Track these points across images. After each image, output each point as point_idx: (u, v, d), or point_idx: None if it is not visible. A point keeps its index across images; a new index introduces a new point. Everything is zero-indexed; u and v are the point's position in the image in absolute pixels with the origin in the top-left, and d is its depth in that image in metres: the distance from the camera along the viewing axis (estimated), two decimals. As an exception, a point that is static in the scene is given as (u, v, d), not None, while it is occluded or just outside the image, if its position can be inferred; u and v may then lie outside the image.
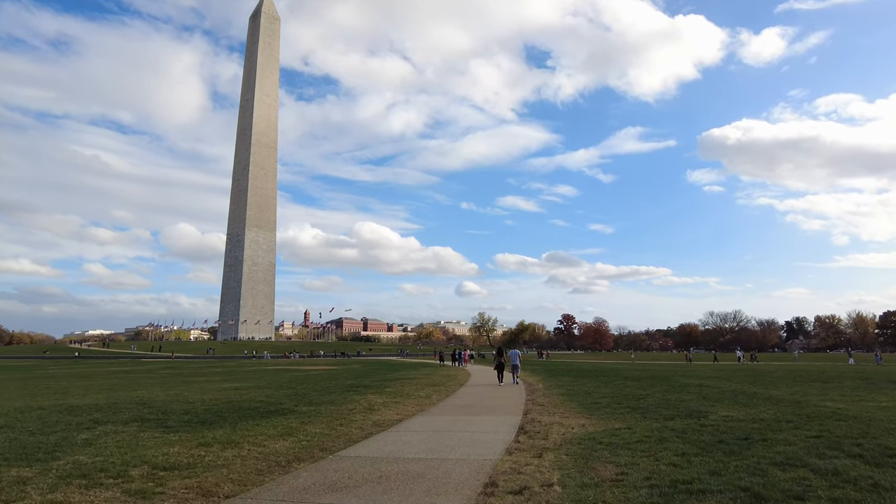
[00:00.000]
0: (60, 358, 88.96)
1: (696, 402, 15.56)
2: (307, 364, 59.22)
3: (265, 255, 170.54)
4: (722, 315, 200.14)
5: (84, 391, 21.68)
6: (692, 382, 23.73)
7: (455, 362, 48.38)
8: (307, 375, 33.41)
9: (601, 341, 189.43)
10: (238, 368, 46.85)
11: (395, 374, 31.95)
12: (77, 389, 22.68)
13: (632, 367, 44.68)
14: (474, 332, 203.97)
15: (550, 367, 40.73)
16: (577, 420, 12.22)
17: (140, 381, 29.52)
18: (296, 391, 20.50)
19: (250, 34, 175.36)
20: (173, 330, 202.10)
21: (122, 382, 27.97)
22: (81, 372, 42.42)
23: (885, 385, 22.32)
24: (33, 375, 37.88)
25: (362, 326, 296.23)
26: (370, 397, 17.58)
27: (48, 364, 65.84)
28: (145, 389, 22.37)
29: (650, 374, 31.69)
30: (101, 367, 52.01)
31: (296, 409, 14.54)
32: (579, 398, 17.19)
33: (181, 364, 59.98)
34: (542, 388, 21.34)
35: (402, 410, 14.28)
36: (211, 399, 17.65)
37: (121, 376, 34.79)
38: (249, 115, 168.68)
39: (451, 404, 16.05)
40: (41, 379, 32.69)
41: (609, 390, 19.93)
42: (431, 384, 23.78)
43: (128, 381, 29.53)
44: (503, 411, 14.12)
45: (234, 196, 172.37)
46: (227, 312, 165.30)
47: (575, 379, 26.89)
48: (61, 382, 28.35)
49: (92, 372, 42.21)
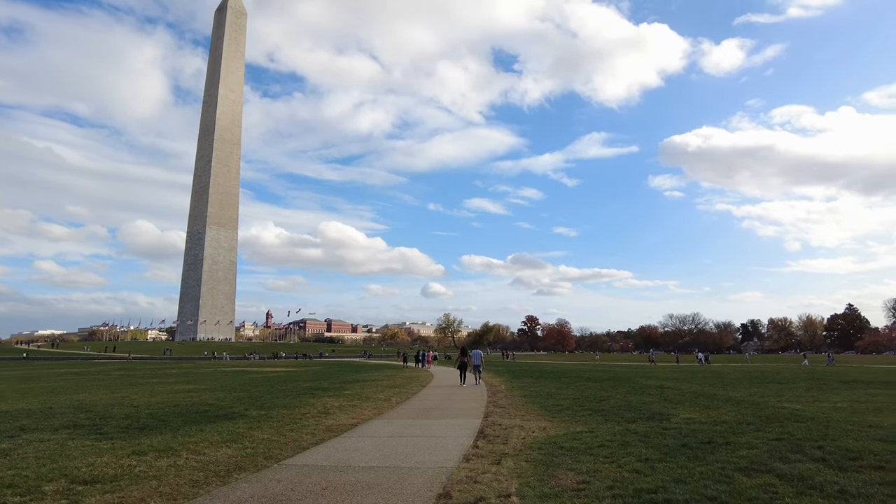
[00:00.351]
0: (4, 359, 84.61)
1: (658, 404, 15.46)
2: (267, 366, 57.79)
3: (226, 253, 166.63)
4: (681, 317, 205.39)
5: (20, 395, 20.32)
6: (653, 384, 23.82)
7: (418, 364, 47.86)
8: (265, 377, 32.38)
9: (563, 342, 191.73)
10: (194, 370, 45.24)
11: (355, 377, 31.24)
12: (12, 393, 21.27)
13: (593, 368, 45.00)
14: (439, 334, 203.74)
15: (513, 369, 40.61)
16: (538, 423, 11.89)
17: (87, 383, 28.02)
18: (249, 394, 19.67)
19: (215, 28, 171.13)
20: (129, 330, 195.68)
21: (66, 385, 26.45)
22: (25, 374, 40.19)
23: (836, 385, 22.83)
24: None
25: (326, 327, 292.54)
26: (326, 401, 16.93)
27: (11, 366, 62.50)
28: (89, 392, 21.13)
29: (611, 375, 31.84)
30: (48, 369, 49.51)
31: (246, 413, 13.81)
32: (541, 400, 16.93)
33: (135, 365, 57.68)
34: (504, 390, 21.04)
35: (358, 414, 13.71)
36: (158, 402, 16.71)
37: (67, 378, 33.02)
38: (213, 111, 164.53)
39: (410, 407, 15.55)
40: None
41: (571, 392, 19.77)
42: (392, 386, 23.23)
43: (73, 383, 27.99)
44: (463, 414, 13.70)
45: (196, 193, 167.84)
46: (186, 312, 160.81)
47: (537, 380, 26.74)
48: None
49: (36, 374, 40.04)
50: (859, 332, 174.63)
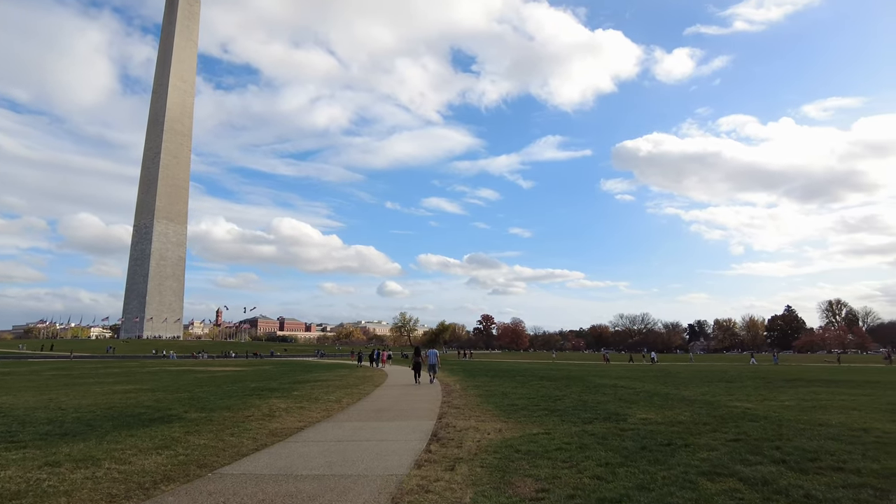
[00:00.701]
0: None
1: (613, 403, 15.35)
2: (215, 365, 55.75)
3: (175, 248, 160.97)
4: (631, 317, 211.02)
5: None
6: (606, 383, 23.91)
7: (373, 363, 47.07)
8: (212, 377, 31.05)
9: (518, 341, 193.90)
10: (138, 369, 43.11)
11: (306, 377, 30.29)
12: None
13: (547, 367, 45.25)
14: (395, 332, 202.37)
15: (468, 368, 40.37)
16: (493, 424, 11.50)
17: (14, 384, 26.08)
18: (192, 395, 18.60)
19: (166, 14, 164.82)
20: (70, 328, 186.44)
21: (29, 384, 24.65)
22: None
23: (781, 384, 23.44)
24: None
25: (279, 326, 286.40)
26: (273, 402, 16.11)
27: None
28: (13, 395, 19.56)
29: (566, 374, 31.96)
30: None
31: (185, 415, 12.90)
32: (496, 400, 16.59)
33: (75, 364, 54.54)
34: (459, 389, 20.64)
35: (305, 417, 13.00)
36: (90, 404, 15.53)
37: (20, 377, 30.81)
38: (163, 101, 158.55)
39: (361, 409, 14.92)
40: None
41: (526, 391, 19.53)
42: (344, 386, 22.50)
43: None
44: (416, 415, 13.19)
45: (143, 185, 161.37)
46: (132, 309, 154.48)
47: (492, 379, 26.48)
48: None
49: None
50: (797, 332, 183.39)
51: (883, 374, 33.02)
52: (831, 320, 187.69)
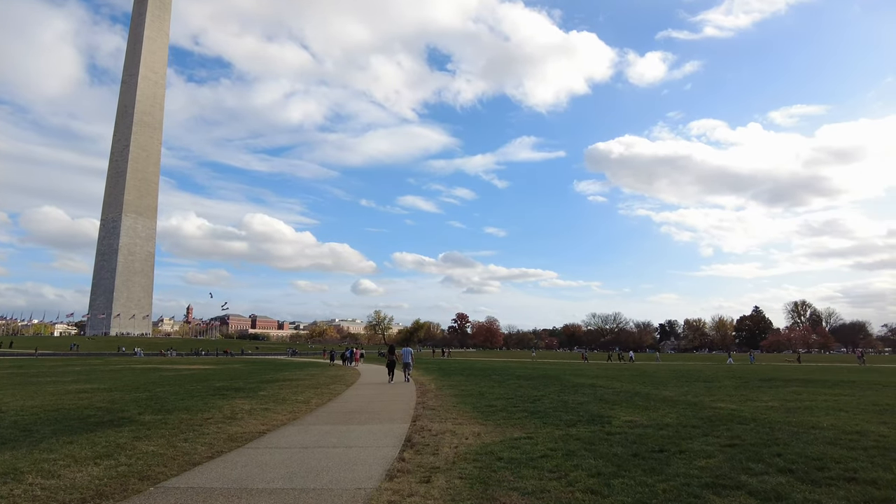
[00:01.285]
0: None
1: (594, 404, 14.78)
2: (183, 363, 54.01)
3: (143, 243, 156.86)
4: (603, 317, 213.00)
5: None
6: (584, 382, 23.43)
7: (345, 361, 46.06)
8: (176, 376, 29.77)
9: (492, 339, 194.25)
10: (101, 367, 41.37)
11: (275, 376, 29.20)
12: None
13: (523, 365, 44.82)
14: (370, 331, 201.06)
15: (443, 366, 39.66)
16: (471, 427, 10.79)
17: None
18: (151, 394, 17.49)
19: (137, 4, 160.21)
20: (33, 324, 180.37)
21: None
22: None
23: (759, 384, 23.25)
24: None
25: (251, 324, 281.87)
26: (236, 403, 15.13)
27: None
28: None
29: (542, 373, 31.47)
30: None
31: (138, 417, 11.89)
32: (473, 400, 15.89)
33: (35, 362, 52.30)
34: (434, 389, 19.89)
35: (270, 420, 12.10)
36: (35, 406, 14.36)
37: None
38: (132, 92, 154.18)
39: (331, 410, 14.06)
40: None
41: (503, 391, 18.89)
42: (314, 386, 21.55)
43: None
44: (389, 418, 12.40)
45: (111, 179, 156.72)
46: (99, 305, 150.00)
47: (468, 378, 25.80)
48: None
49: None
50: (764, 332, 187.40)
51: (856, 374, 33.32)
52: (796, 321, 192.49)
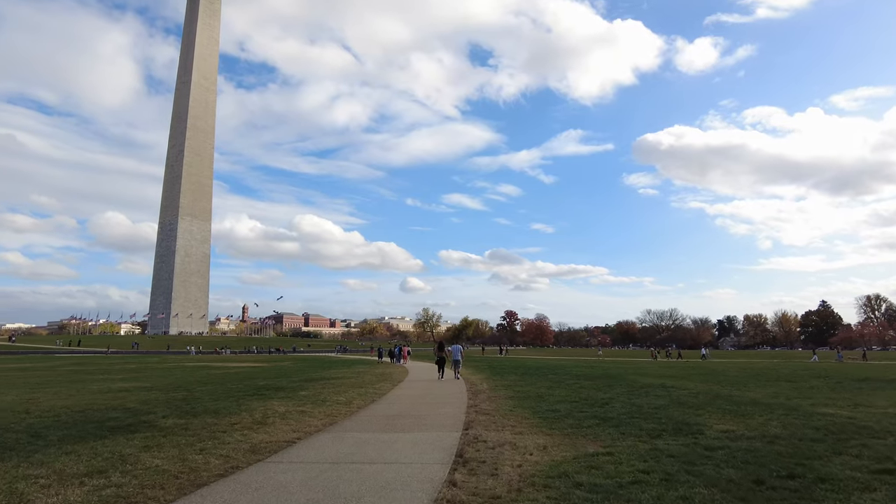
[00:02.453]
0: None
1: (674, 409, 12.78)
2: (235, 361, 54.35)
3: (199, 245, 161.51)
4: (658, 313, 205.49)
5: None
6: (652, 383, 21.25)
7: (392, 359, 44.98)
8: (224, 374, 29.28)
9: (542, 337, 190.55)
10: (154, 365, 41.71)
11: (320, 374, 28.19)
12: None
13: (577, 364, 42.52)
14: (419, 328, 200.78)
15: (495, 365, 37.89)
16: (534, 438, 9.09)
17: (14, 380, 24.60)
18: (188, 394, 16.55)
19: (188, 13, 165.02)
20: (100, 324, 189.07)
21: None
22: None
23: (855, 384, 20.50)
24: None
25: (303, 322, 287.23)
26: (272, 404, 13.90)
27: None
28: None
29: (601, 372, 29.28)
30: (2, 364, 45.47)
31: (160, 422, 10.75)
32: (532, 403, 14.14)
33: (98, 360, 53.76)
34: (486, 390, 18.21)
35: (304, 425, 10.73)
36: (64, 406, 13.56)
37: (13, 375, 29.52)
38: (185, 99, 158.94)
39: (373, 414, 12.61)
40: None
41: (564, 392, 17.02)
42: (358, 385, 20.26)
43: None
44: (438, 424, 10.82)
45: (168, 183, 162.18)
46: (158, 305, 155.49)
47: (522, 378, 23.98)
48: None
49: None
50: (832, 328, 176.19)
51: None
52: (870, 316, 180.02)
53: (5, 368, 37.77)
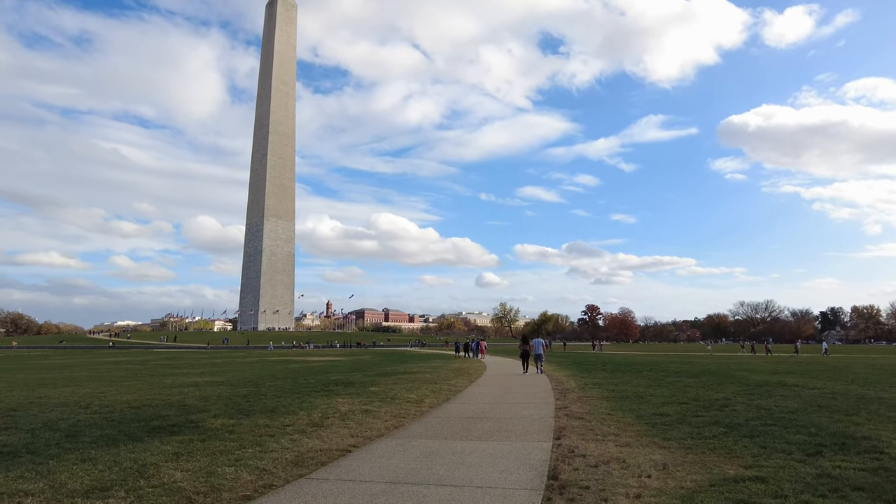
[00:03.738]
0: (91, 348, 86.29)
1: (816, 413, 10.26)
2: (317, 355, 54.93)
3: (284, 244, 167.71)
4: (753, 305, 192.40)
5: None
6: (769, 380, 18.32)
7: (468, 353, 43.51)
8: (302, 367, 28.98)
9: (627, 332, 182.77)
10: (239, 360, 42.55)
11: (396, 368, 27.08)
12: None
13: (670, 359, 39.12)
14: (496, 323, 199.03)
15: (581, 361, 35.42)
16: (646, 452, 7.11)
17: (104, 374, 25.23)
18: (255, 390, 15.70)
19: (266, 22, 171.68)
20: (196, 320, 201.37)
21: (73, 376, 23.71)
22: (64, 363, 38.55)
23: None
24: None
25: (384, 317, 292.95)
26: (337, 401, 12.62)
27: (54, 354, 62.87)
28: (73, 386, 17.87)
29: (701, 368, 26.21)
30: (96, 358, 48.33)
31: (208, 422, 9.65)
32: (632, 405, 12.01)
33: (187, 355, 56.17)
34: (575, 389, 16.16)
35: (365, 427, 9.28)
36: (127, 401, 12.96)
37: (94, 368, 30.68)
38: (267, 104, 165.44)
39: (445, 415, 10.99)
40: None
41: (667, 392, 14.68)
42: (432, 381, 18.76)
43: (88, 373, 25.29)
44: (521, 430, 9.04)
45: (253, 186, 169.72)
46: (247, 303, 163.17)
47: (613, 375, 21.61)
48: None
49: (73, 363, 38.31)
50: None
51: None
52: None
53: (103, 362, 39.72)
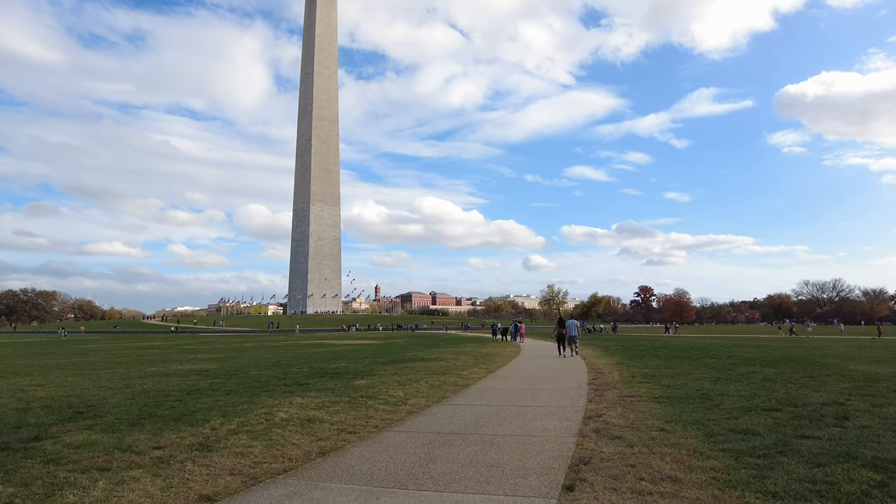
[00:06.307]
0: (154, 332, 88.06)
1: None
2: (350, 338, 52.81)
3: (330, 229, 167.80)
4: (819, 284, 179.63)
5: None
6: (878, 372, 14.05)
7: (504, 336, 40.05)
8: (323, 352, 27.13)
9: (682, 314, 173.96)
10: (264, 344, 40.66)
11: (415, 354, 23.98)
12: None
13: (734, 343, 34.38)
14: (544, 306, 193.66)
15: (629, 345, 31.33)
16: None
17: (101, 360, 23.41)
18: (221, 382, 12.86)
19: (307, 7, 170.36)
20: (252, 305, 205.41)
21: (97, 361, 22.30)
22: (90, 348, 37.58)
23: None
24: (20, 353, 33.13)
25: (431, 300, 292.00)
26: (290, 401, 9.39)
27: (102, 339, 63.58)
28: (37, 376, 15.63)
29: (779, 355, 21.74)
30: (127, 343, 47.68)
31: (63, 437, 6.68)
32: (697, 413, 8.25)
33: (222, 339, 55.30)
34: (618, 382, 12.45)
35: (275, 455, 5.93)
36: (38, 397, 10.33)
37: (106, 354, 29.21)
38: (310, 90, 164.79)
39: (418, 429, 7.57)
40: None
41: (743, 389, 10.80)
42: (441, 371, 15.24)
43: (83, 360, 23.55)
44: (514, 468, 5.56)
45: (299, 172, 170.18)
46: (296, 287, 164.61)
47: (668, 362, 17.65)
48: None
49: (98, 348, 37.24)
50: None
51: None
52: None
53: (128, 347, 38.58)
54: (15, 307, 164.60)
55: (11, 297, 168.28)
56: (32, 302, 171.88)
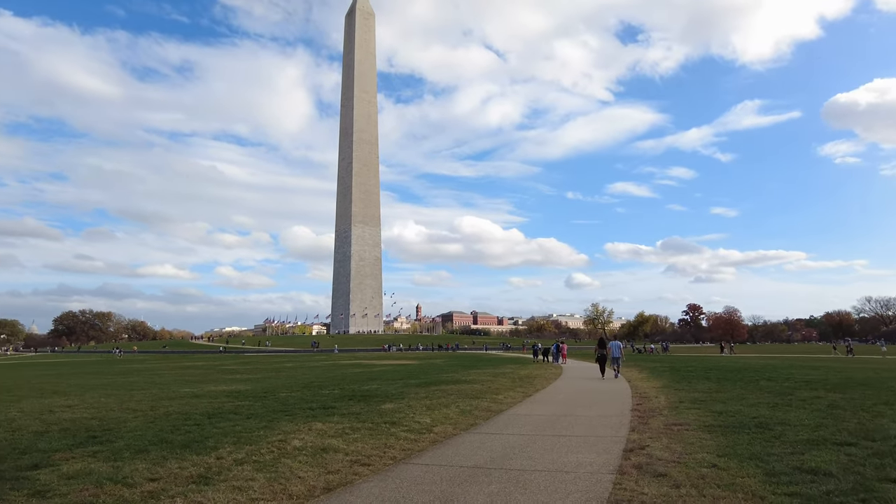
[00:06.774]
0: (175, 353, 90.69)
1: None
2: (390, 358, 52.46)
3: (371, 249, 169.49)
4: (883, 301, 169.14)
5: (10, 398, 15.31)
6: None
7: (546, 357, 38.76)
8: (359, 373, 26.76)
9: (733, 333, 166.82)
10: (304, 363, 40.76)
11: (451, 375, 23.27)
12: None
13: (788, 363, 32.21)
14: (589, 325, 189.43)
15: (678, 366, 29.74)
16: None
17: (138, 381, 23.65)
18: (248, 405, 12.56)
19: (346, 33, 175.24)
20: (297, 325, 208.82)
21: (105, 382, 22.23)
22: (134, 368, 38.44)
23: None
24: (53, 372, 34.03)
25: (472, 320, 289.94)
26: (310, 427, 8.95)
27: (151, 359, 65.35)
28: (72, 396, 15.72)
29: (843, 378, 20.01)
30: (171, 363, 48.71)
31: (62, 466, 6.39)
32: (755, 446, 7.30)
33: (265, 359, 55.93)
34: (664, 408, 11.47)
35: (275, 490, 5.57)
36: (82, 418, 10.18)
37: (147, 374, 29.65)
38: (350, 114, 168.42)
39: (439, 461, 6.91)
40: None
41: (806, 417, 9.68)
42: (476, 395, 14.54)
43: (122, 380, 23.83)
44: None
45: (340, 194, 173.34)
46: (339, 307, 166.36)
47: (720, 385, 16.39)
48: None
49: (143, 368, 38.04)
50: None
51: None
52: None
53: (172, 367, 39.28)
54: (74, 328, 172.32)
55: (71, 318, 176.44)
56: (90, 322, 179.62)
